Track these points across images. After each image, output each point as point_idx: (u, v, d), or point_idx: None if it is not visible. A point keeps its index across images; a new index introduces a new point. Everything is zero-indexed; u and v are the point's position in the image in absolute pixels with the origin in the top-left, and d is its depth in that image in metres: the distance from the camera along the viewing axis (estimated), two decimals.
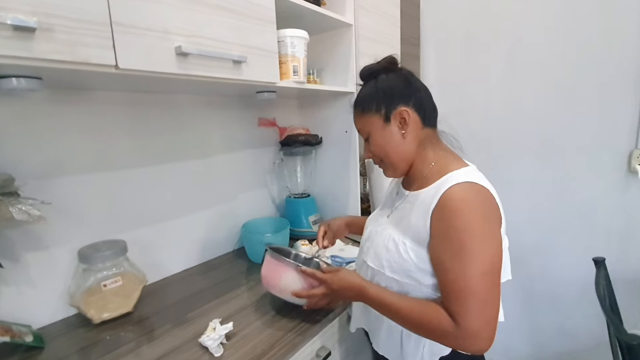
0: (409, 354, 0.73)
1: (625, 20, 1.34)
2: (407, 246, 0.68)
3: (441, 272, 0.63)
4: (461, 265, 0.60)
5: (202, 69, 0.79)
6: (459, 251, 0.60)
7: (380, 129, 0.75)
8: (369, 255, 0.77)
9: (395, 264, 0.70)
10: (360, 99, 0.79)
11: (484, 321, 0.59)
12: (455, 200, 0.63)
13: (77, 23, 0.59)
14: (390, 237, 0.73)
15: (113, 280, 0.85)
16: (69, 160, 0.89)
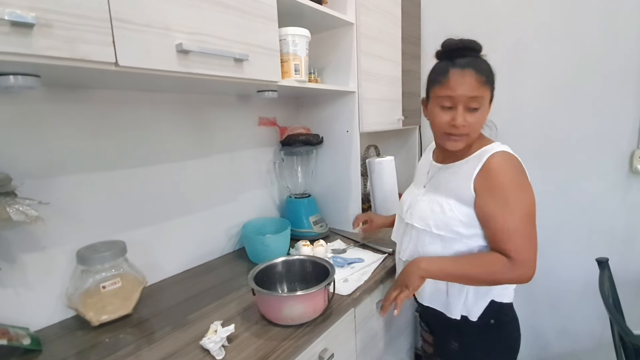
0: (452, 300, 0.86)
1: (626, 19, 1.34)
2: (452, 205, 0.82)
3: (490, 221, 0.78)
4: (508, 212, 0.76)
5: (204, 67, 0.77)
6: (504, 201, 0.76)
7: (486, 105, 0.82)
8: (414, 218, 0.89)
9: (440, 222, 0.83)
10: (485, 70, 0.80)
11: (530, 252, 0.76)
12: (497, 164, 0.79)
13: (76, 19, 0.58)
14: (434, 200, 0.86)
15: (112, 281, 0.84)
16: (68, 160, 0.87)
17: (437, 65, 0.85)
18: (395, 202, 1.53)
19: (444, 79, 0.80)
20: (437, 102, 0.82)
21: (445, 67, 0.81)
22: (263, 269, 0.91)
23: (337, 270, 1.07)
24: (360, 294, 0.96)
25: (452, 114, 0.80)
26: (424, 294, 0.92)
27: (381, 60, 1.44)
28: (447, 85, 0.79)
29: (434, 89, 0.83)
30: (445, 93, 0.80)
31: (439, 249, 0.85)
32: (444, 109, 0.81)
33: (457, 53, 0.81)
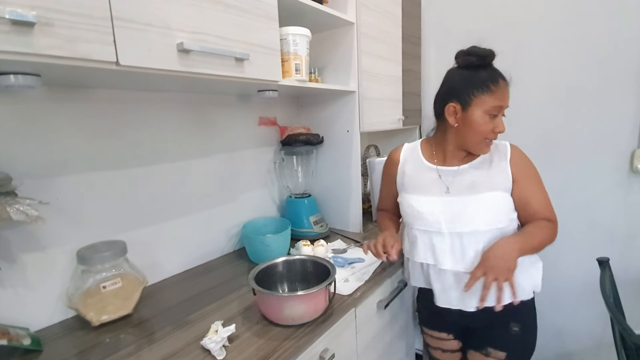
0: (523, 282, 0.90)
1: (627, 20, 1.34)
2: (502, 197, 0.88)
3: (533, 198, 0.90)
4: (542, 190, 0.92)
5: (204, 66, 0.77)
6: (538, 182, 0.92)
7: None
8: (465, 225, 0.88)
9: (495, 216, 0.88)
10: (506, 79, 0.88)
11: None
12: (520, 151, 0.94)
13: (77, 18, 0.58)
14: (479, 200, 0.88)
15: (112, 281, 0.84)
16: (68, 160, 0.87)
17: (479, 74, 0.87)
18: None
19: (496, 89, 0.85)
20: (485, 110, 0.86)
21: (494, 77, 0.86)
22: (264, 269, 0.91)
23: (337, 270, 1.07)
24: (361, 294, 0.96)
25: (495, 122, 0.87)
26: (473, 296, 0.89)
27: (382, 60, 1.44)
28: (499, 96, 0.85)
29: (481, 96, 0.85)
30: (497, 103, 0.85)
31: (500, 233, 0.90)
32: (491, 117, 0.86)
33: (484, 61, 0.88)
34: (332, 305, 0.89)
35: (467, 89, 0.86)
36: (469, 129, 0.87)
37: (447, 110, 0.90)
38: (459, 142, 0.92)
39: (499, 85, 0.85)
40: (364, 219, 1.51)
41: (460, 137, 0.91)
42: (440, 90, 0.96)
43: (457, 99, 0.88)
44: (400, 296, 1.15)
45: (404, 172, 1.02)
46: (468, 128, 0.87)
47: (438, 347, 1.07)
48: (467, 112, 0.87)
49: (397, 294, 1.12)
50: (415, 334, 1.34)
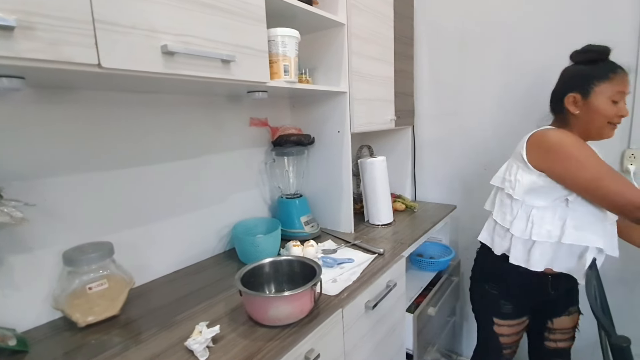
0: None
1: (618, 21, 1.35)
2: None
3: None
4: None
5: (190, 68, 0.77)
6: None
7: None
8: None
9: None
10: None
11: None
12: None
13: (58, 21, 0.58)
14: None
15: (99, 283, 0.84)
16: (55, 161, 0.87)
17: (597, 66, 0.99)
18: (387, 200, 1.54)
19: (614, 77, 0.96)
20: (608, 96, 0.96)
21: (613, 67, 0.97)
22: (250, 270, 0.91)
23: (326, 271, 1.08)
24: (348, 294, 0.97)
25: (618, 107, 0.96)
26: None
27: (373, 61, 1.45)
28: (619, 82, 0.96)
29: (601, 85, 0.96)
30: (619, 89, 0.95)
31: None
32: (614, 103, 0.96)
33: (605, 56, 1.00)
34: (319, 305, 0.89)
35: (587, 79, 0.98)
36: (593, 115, 0.98)
37: (566, 100, 1.02)
38: (582, 128, 1.02)
39: (617, 74, 0.96)
40: (356, 219, 1.52)
41: (584, 123, 1.00)
42: (557, 87, 1.09)
43: (577, 90, 1.00)
44: (389, 296, 1.15)
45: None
46: (592, 114, 0.98)
47: (513, 333, 1.16)
48: (589, 99, 0.98)
49: (386, 294, 1.12)
50: (406, 333, 1.34)
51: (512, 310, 1.13)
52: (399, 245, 1.30)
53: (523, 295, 1.11)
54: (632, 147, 1.37)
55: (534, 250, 1.02)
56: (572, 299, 1.16)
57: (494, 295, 1.14)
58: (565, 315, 1.15)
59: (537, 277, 1.05)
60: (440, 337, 1.62)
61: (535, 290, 1.10)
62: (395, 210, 1.69)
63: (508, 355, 1.19)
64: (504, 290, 1.12)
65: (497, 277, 1.14)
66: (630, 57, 1.34)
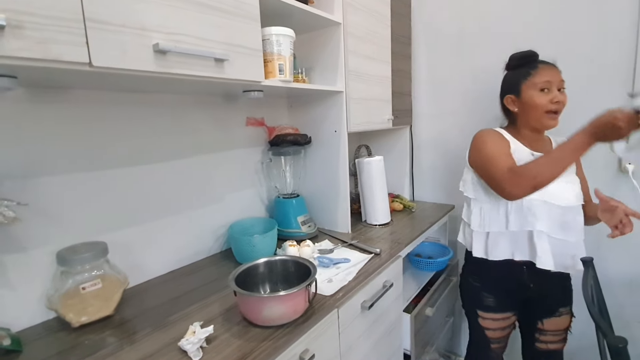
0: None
1: (615, 21, 1.34)
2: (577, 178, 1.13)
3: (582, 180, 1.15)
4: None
5: (182, 67, 0.77)
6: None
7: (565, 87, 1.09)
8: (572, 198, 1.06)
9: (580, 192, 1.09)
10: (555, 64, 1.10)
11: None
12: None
13: (48, 20, 0.58)
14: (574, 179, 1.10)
15: (92, 282, 0.84)
16: (49, 160, 0.87)
17: (517, 70, 1.11)
18: (384, 199, 1.53)
19: (536, 71, 1.06)
20: (535, 89, 1.05)
21: (532, 64, 1.08)
22: (245, 270, 0.91)
23: (322, 271, 1.08)
24: (344, 294, 0.96)
25: (550, 95, 1.04)
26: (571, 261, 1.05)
27: (369, 60, 1.44)
28: (542, 74, 1.05)
29: (526, 82, 1.07)
30: (543, 79, 1.04)
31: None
32: (544, 91, 1.05)
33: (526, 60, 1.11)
34: (313, 305, 0.88)
35: (515, 81, 1.10)
36: (529, 108, 1.07)
37: (505, 102, 1.14)
38: (527, 122, 1.11)
39: (537, 68, 1.06)
40: (354, 219, 1.52)
41: (525, 117, 1.10)
42: (500, 93, 1.20)
43: (511, 92, 1.12)
44: (385, 296, 1.15)
45: (514, 150, 1.09)
46: (528, 107, 1.08)
47: (498, 327, 1.19)
48: (521, 96, 1.09)
49: (382, 294, 1.12)
50: (403, 333, 1.33)
51: (494, 304, 1.17)
52: (396, 245, 1.29)
53: (502, 289, 1.15)
54: None
55: (490, 241, 1.11)
56: (563, 299, 1.16)
57: (476, 287, 1.20)
58: (555, 316, 1.15)
59: (509, 268, 1.10)
60: (438, 337, 1.61)
61: (512, 283, 1.13)
62: (393, 210, 1.69)
63: (497, 349, 1.21)
64: (485, 283, 1.18)
65: (477, 270, 1.20)
66: (629, 56, 1.33)
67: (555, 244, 1.04)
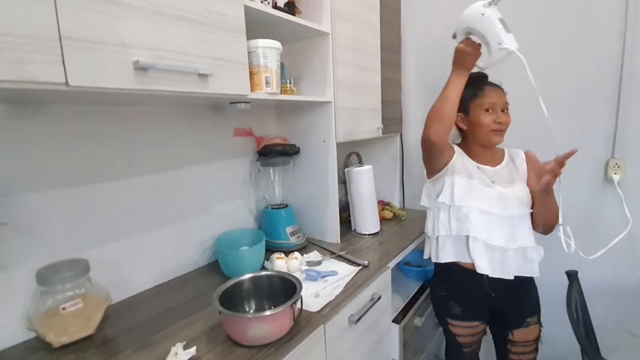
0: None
1: (603, 32, 1.35)
2: (526, 188, 1.12)
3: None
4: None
5: (164, 83, 0.76)
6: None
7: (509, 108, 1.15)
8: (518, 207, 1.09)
9: (527, 203, 1.10)
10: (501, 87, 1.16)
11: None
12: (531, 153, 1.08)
13: (22, 39, 0.56)
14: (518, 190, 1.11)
15: (73, 302, 0.82)
16: (28, 177, 0.85)
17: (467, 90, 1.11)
18: (374, 209, 1.53)
19: (482, 93, 1.12)
20: (481, 109, 1.11)
21: (480, 86, 1.13)
22: (230, 287, 0.90)
23: (309, 285, 1.07)
24: (330, 310, 0.95)
25: (494, 116, 1.10)
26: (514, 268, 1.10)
27: (359, 69, 1.44)
28: (488, 95, 1.11)
29: (474, 102, 1.13)
30: (488, 100, 1.10)
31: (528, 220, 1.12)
32: (489, 112, 1.10)
33: (477, 80, 1.14)
34: (299, 322, 0.88)
35: (465, 101, 1.13)
36: (475, 127, 1.13)
37: (456, 120, 1.15)
38: (474, 139, 1.16)
39: (484, 90, 1.12)
40: (344, 228, 1.51)
41: (473, 135, 1.15)
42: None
43: (461, 110, 1.14)
44: (373, 309, 1.15)
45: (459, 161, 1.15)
46: (475, 126, 1.13)
47: (468, 334, 1.21)
48: (469, 115, 1.14)
49: (370, 307, 1.11)
50: (392, 344, 1.33)
51: (461, 313, 1.19)
52: (385, 256, 1.29)
53: (467, 298, 1.18)
54: (616, 156, 1.37)
55: (439, 245, 1.17)
56: (530, 309, 1.18)
57: (443, 296, 1.23)
58: (524, 327, 1.17)
59: (470, 277, 1.12)
60: (428, 345, 1.61)
61: (475, 292, 1.15)
62: (383, 218, 1.69)
63: (470, 352, 1.24)
64: (450, 292, 1.21)
65: (443, 279, 1.24)
66: (615, 69, 1.34)
67: (495, 251, 1.09)
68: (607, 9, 1.34)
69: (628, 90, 1.32)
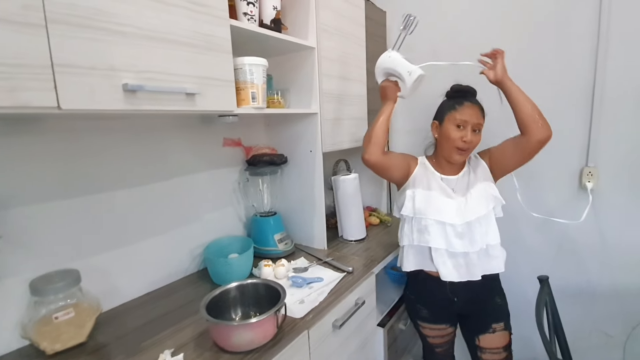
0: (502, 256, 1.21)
1: (576, 45, 1.42)
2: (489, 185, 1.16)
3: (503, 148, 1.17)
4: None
5: (153, 103, 0.79)
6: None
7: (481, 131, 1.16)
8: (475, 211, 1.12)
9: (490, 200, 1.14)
10: (482, 108, 1.16)
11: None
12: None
13: (16, 68, 0.59)
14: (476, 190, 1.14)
15: (65, 312, 0.85)
16: (21, 190, 0.89)
17: (449, 100, 1.18)
18: (360, 216, 1.58)
19: (460, 108, 1.13)
20: (453, 123, 1.13)
21: (460, 101, 1.15)
22: (217, 295, 0.94)
23: (295, 291, 1.11)
24: (314, 316, 1.00)
25: (462, 133, 1.12)
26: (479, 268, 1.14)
27: (344, 81, 1.49)
28: (462, 112, 1.12)
29: (449, 114, 1.15)
30: (461, 117, 1.11)
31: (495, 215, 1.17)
32: (458, 128, 1.12)
33: (463, 94, 1.16)
34: (284, 329, 0.92)
35: (443, 110, 1.18)
36: (444, 139, 1.15)
37: (431, 126, 1.22)
38: (441, 150, 1.19)
39: (462, 106, 1.13)
40: (330, 234, 1.56)
41: (441, 146, 1.18)
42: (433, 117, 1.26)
43: (437, 118, 1.19)
44: (358, 313, 1.19)
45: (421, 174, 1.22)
46: (444, 138, 1.16)
47: (437, 335, 1.28)
48: (442, 126, 1.16)
49: (354, 312, 1.16)
50: (377, 347, 1.38)
51: (428, 315, 1.26)
52: (370, 262, 1.34)
53: (432, 302, 1.24)
54: (590, 164, 1.44)
55: (403, 254, 1.24)
56: (493, 316, 1.20)
57: (412, 299, 1.31)
58: (489, 332, 1.19)
59: (434, 282, 1.19)
60: (413, 347, 1.66)
61: (438, 296, 1.21)
62: (370, 224, 1.74)
63: (442, 352, 1.30)
64: (418, 296, 1.28)
65: (411, 283, 1.31)
66: (587, 83, 1.41)
67: (459, 256, 1.14)
68: (580, 29, 1.41)
69: (600, 103, 1.39)
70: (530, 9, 1.50)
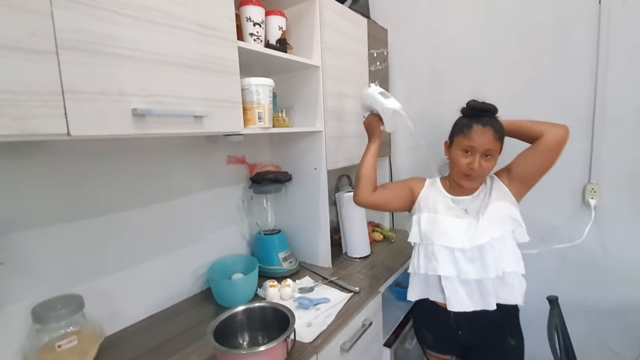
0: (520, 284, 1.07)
1: (577, 61, 1.43)
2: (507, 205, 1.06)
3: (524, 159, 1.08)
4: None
5: (161, 126, 0.79)
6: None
7: (497, 156, 1.05)
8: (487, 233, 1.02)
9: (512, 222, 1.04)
10: (499, 129, 1.03)
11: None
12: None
13: (25, 96, 0.59)
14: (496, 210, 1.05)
15: (68, 340, 0.83)
16: (24, 214, 0.87)
17: (462, 120, 1.07)
18: (364, 233, 1.57)
19: (468, 132, 1.02)
20: (460, 148, 1.05)
21: (470, 124, 1.03)
22: (224, 320, 0.92)
23: (302, 313, 1.09)
24: (323, 340, 0.98)
25: (469, 159, 1.03)
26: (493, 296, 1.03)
27: (348, 99, 1.49)
28: (470, 138, 1.02)
29: (458, 137, 1.06)
30: (467, 142, 1.02)
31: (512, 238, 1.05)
32: (465, 154, 1.04)
33: (479, 112, 1.04)
34: (293, 355, 0.90)
35: (454, 130, 1.09)
36: (453, 162, 1.09)
37: (444, 145, 1.15)
38: (452, 173, 1.12)
39: (471, 130, 1.02)
40: (335, 250, 1.54)
41: (452, 168, 1.12)
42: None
43: (450, 138, 1.11)
44: (365, 335, 1.17)
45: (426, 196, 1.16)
46: (452, 161, 1.09)
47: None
48: (452, 148, 1.09)
49: (361, 334, 1.14)
50: None
51: (433, 343, 1.20)
52: (375, 281, 1.32)
53: (436, 330, 1.18)
54: (593, 181, 1.44)
55: (410, 281, 1.15)
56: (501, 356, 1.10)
57: (418, 324, 1.26)
58: None
59: (437, 309, 1.12)
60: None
61: (442, 326, 1.14)
62: (373, 240, 1.72)
63: None
64: (423, 322, 1.23)
65: (417, 309, 1.25)
66: (589, 103, 1.42)
67: (471, 283, 1.03)
68: (580, 48, 1.42)
69: (601, 122, 1.40)
70: (530, 27, 1.52)
